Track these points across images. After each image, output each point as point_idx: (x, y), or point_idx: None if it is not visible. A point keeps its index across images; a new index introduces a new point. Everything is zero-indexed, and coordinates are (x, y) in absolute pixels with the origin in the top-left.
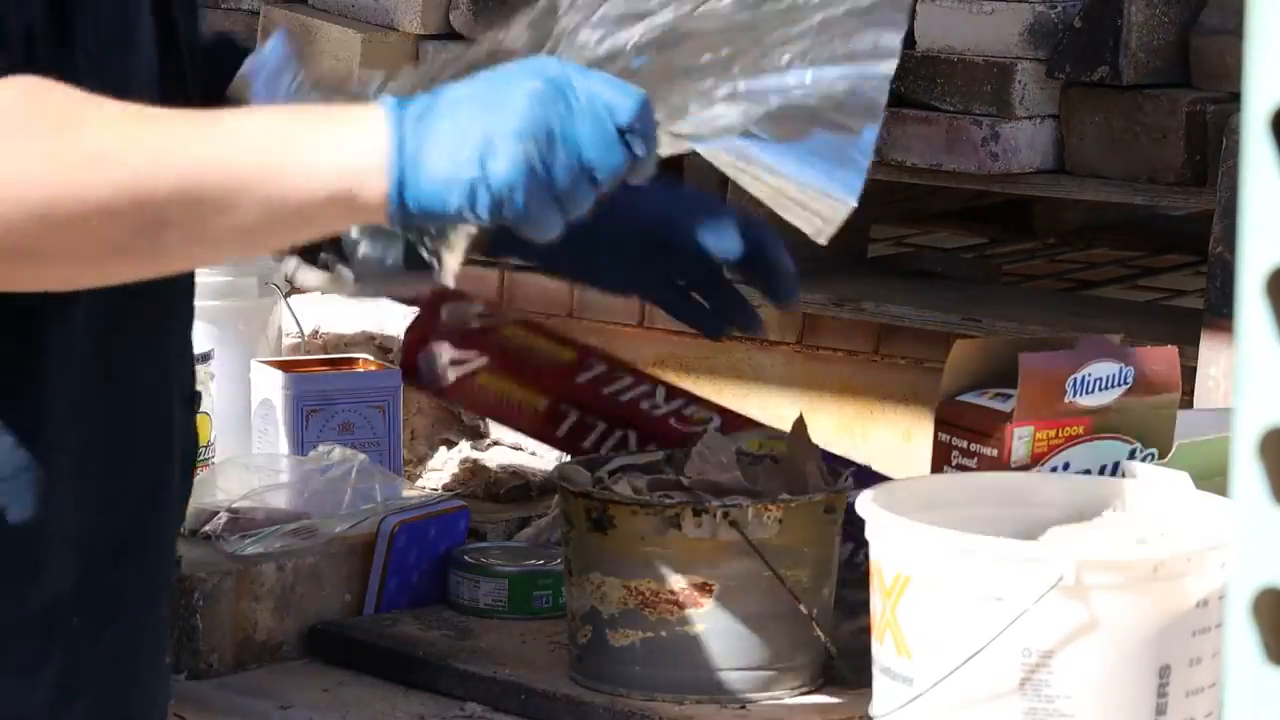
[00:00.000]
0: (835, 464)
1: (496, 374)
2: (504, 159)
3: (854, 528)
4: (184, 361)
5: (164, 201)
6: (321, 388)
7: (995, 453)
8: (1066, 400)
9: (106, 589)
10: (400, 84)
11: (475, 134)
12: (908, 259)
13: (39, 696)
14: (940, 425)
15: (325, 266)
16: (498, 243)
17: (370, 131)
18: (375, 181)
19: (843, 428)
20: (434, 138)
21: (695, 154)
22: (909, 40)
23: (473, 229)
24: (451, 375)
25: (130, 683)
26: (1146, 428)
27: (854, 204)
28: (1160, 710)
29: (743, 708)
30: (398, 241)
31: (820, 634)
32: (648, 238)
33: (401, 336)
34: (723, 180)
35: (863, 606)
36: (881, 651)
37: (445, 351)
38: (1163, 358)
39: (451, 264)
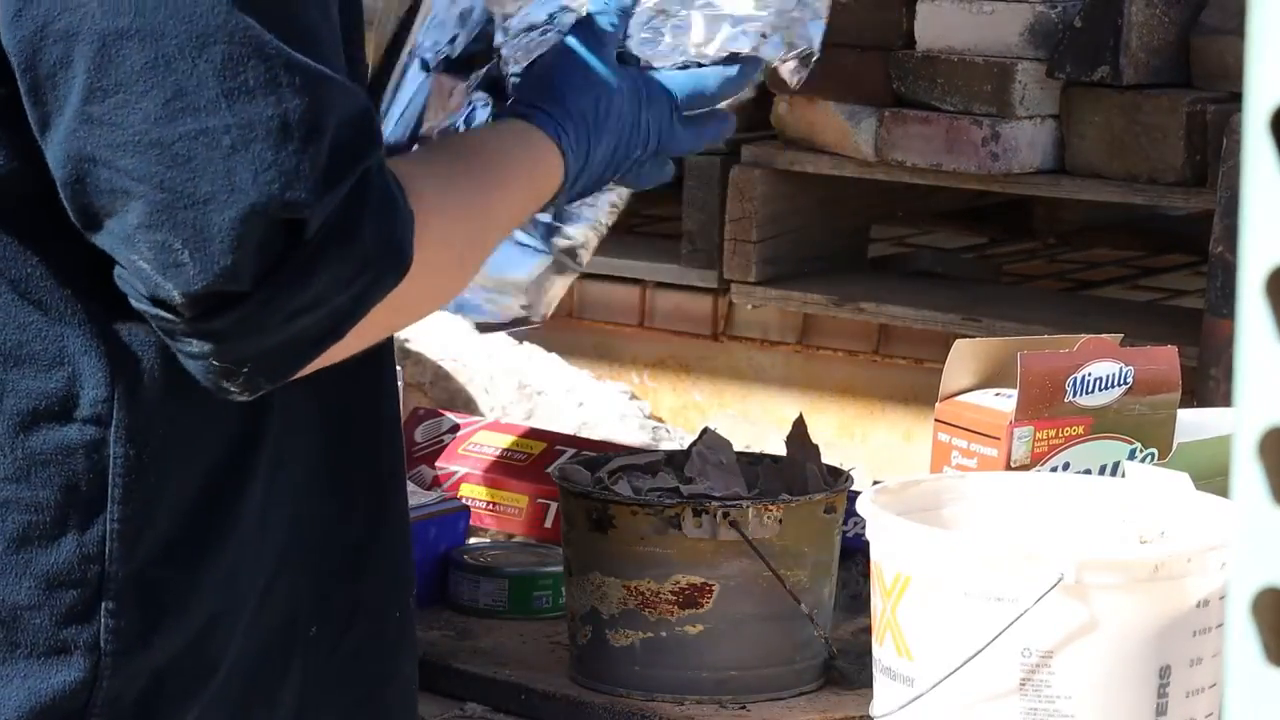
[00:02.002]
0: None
1: (476, 483)
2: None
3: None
4: (393, 378)
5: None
6: None
7: (995, 453)
8: (1066, 400)
9: (343, 602)
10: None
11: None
12: (908, 259)
13: (282, 708)
14: (940, 425)
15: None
16: None
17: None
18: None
19: (843, 428)
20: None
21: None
22: (909, 40)
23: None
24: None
25: (377, 686)
26: (1146, 428)
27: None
28: (1160, 710)
29: (743, 708)
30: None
31: (820, 634)
32: None
33: (400, 342)
34: (723, 181)
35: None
36: (881, 652)
37: (427, 471)
38: (1163, 358)
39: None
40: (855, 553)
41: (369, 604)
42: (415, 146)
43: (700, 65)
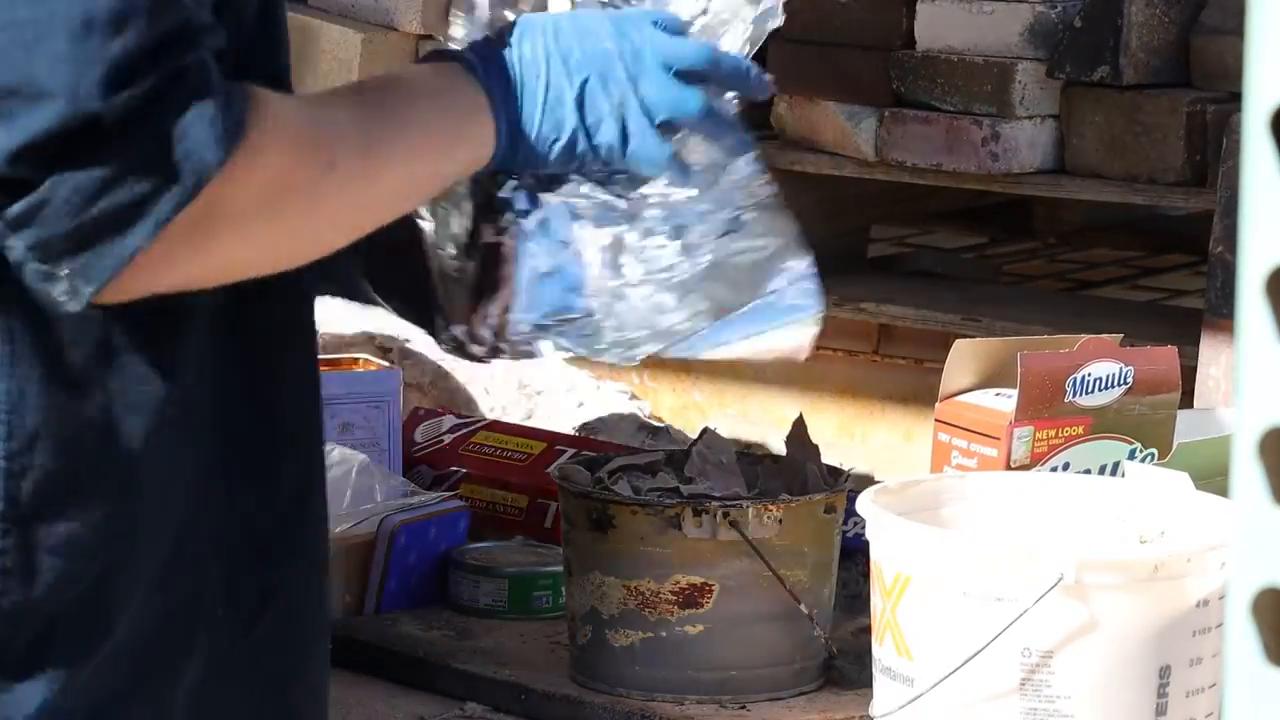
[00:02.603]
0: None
1: (476, 483)
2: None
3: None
4: (315, 369)
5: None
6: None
7: (995, 453)
8: (1066, 400)
9: (252, 588)
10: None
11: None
12: (908, 259)
13: (186, 680)
14: (940, 425)
15: (459, 346)
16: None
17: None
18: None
19: (843, 428)
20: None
21: None
22: (909, 40)
23: None
24: None
25: (287, 682)
26: (1146, 428)
27: (819, 320)
28: (1160, 710)
29: (743, 708)
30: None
31: (820, 634)
32: None
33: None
34: None
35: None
36: (881, 651)
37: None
38: (1163, 358)
39: None
40: (855, 553)
41: (282, 593)
42: None
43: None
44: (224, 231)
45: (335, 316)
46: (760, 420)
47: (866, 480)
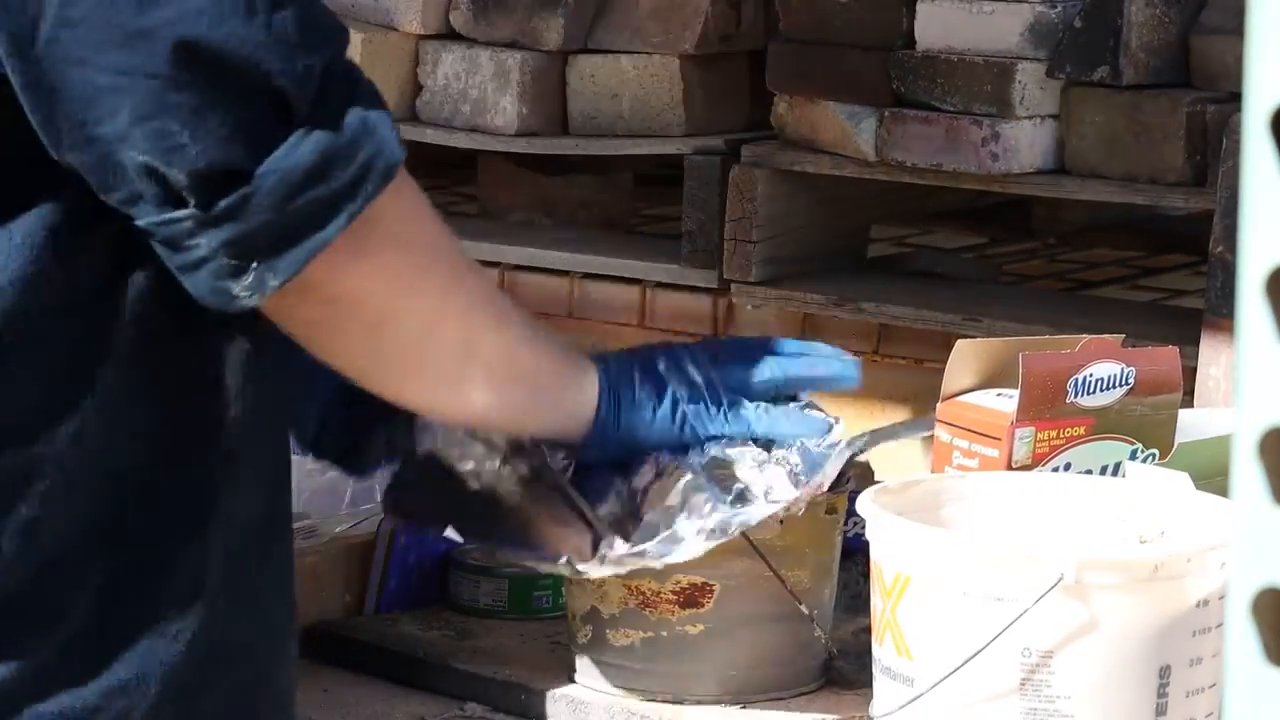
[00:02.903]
0: None
1: None
2: None
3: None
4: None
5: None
6: None
7: (996, 453)
8: (1067, 401)
9: (233, 638)
10: None
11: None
12: (908, 259)
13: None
14: (941, 425)
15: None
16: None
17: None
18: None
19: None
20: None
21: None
22: (909, 40)
23: None
24: None
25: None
26: (1147, 428)
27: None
28: (1160, 710)
29: (743, 708)
30: None
31: (821, 634)
32: None
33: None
34: (723, 181)
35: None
36: (881, 652)
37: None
38: (1163, 358)
39: None
40: (856, 553)
41: (267, 587)
42: None
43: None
44: (377, 245)
45: None
46: None
47: (867, 480)
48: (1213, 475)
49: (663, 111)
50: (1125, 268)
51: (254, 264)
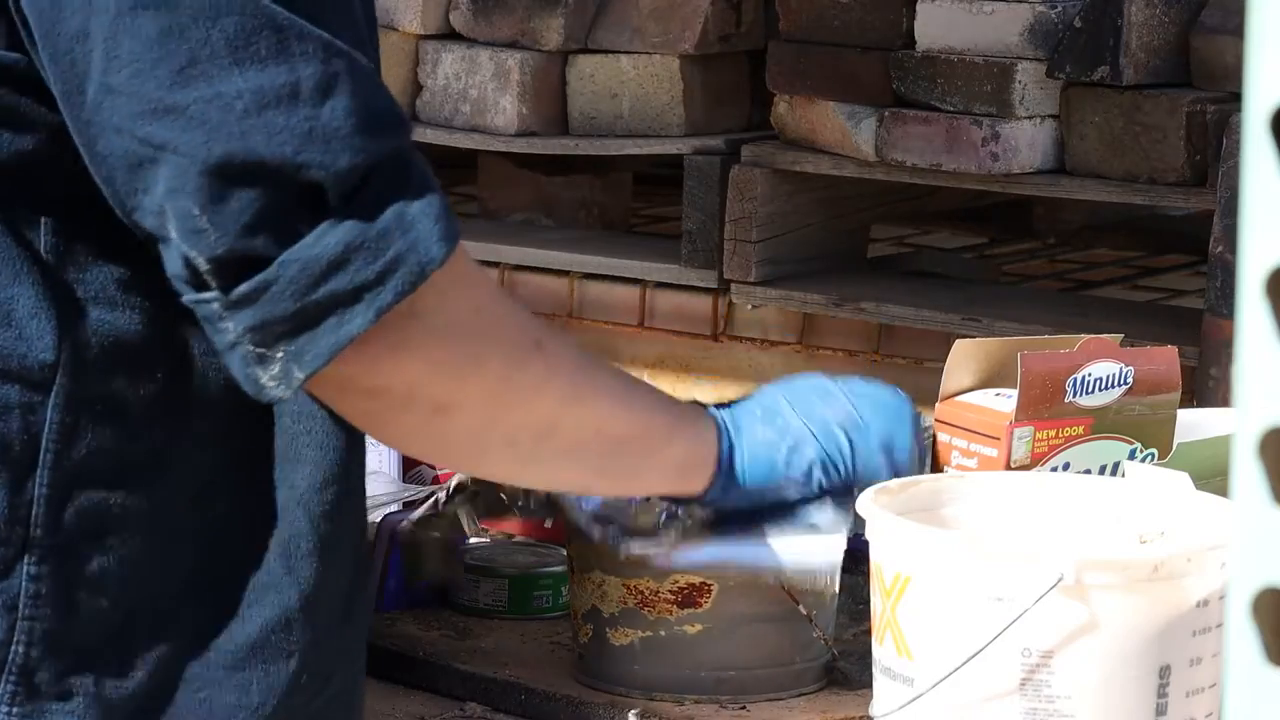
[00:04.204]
0: None
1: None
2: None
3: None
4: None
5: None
6: None
7: (995, 453)
8: (1066, 400)
9: (334, 649)
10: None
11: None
12: (908, 259)
13: None
14: (940, 425)
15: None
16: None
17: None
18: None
19: None
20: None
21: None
22: (909, 40)
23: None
24: None
25: None
26: (1146, 428)
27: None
28: (1160, 710)
29: (743, 708)
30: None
31: (820, 635)
32: None
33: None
34: (723, 181)
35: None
36: (882, 652)
37: None
38: (1161, 357)
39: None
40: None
41: (350, 652)
42: None
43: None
44: (419, 338)
45: None
46: None
47: None
48: (1213, 475)
49: (663, 111)
50: (1125, 268)
51: (279, 354)
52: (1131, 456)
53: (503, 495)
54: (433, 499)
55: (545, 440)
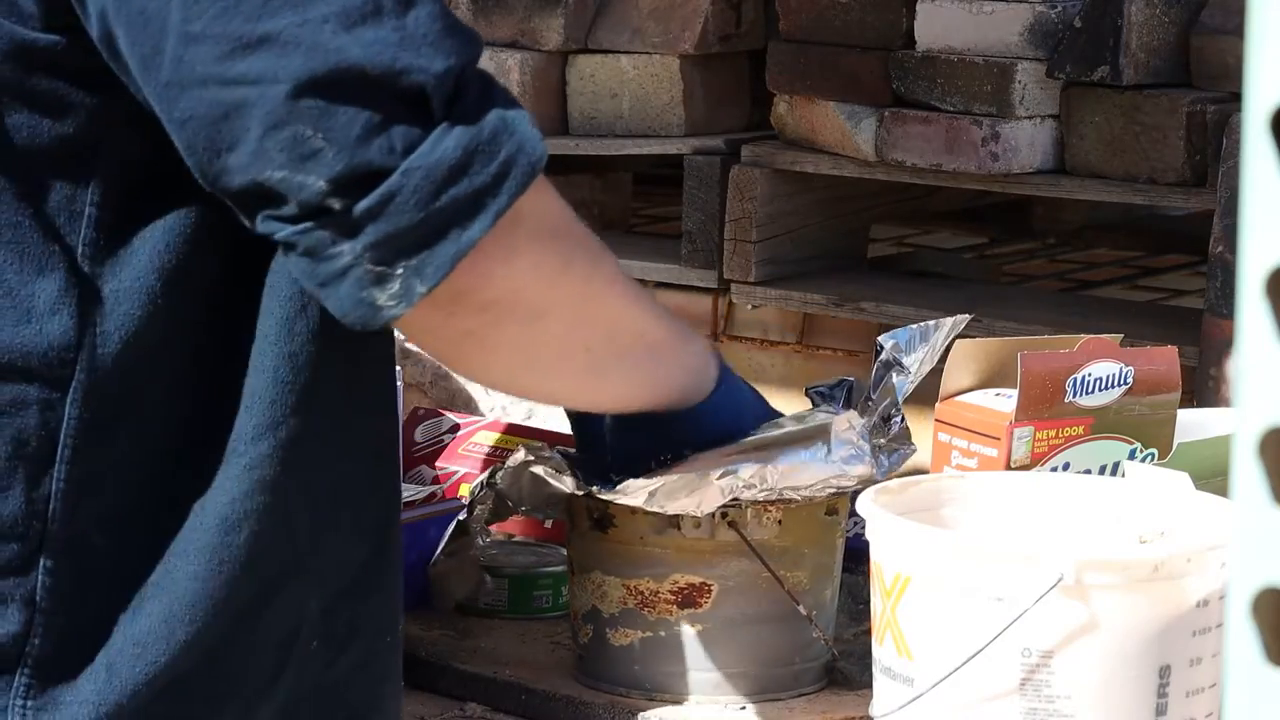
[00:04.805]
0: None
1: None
2: None
3: None
4: (395, 401)
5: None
6: None
7: (995, 453)
8: (1066, 400)
9: (345, 620)
10: None
11: None
12: (908, 259)
13: (263, 714)
14: (940, 425)
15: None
16: None
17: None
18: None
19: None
20: None
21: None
22: (909, 40)
23: None
24: None
25: (362, 711)
26: (1146, 428)
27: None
28: (1160, 710)
29: (743, 708)
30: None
31: (820, 635)
32: None
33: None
34: (723, 181)
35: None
36: (882, 652)
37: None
38: (1163, 358)
39: None
40: (866, 558)
41: (367, 626)
42: None
43: None
44: (525, 242)
45: None
46: None
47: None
48: (1213, 475)
49: (663, 111)
50: (1125, 268)
51: (399, 269)
52: (1131, 456)
53: (509, 501)
54: (454, 523)
55: (610, 343)
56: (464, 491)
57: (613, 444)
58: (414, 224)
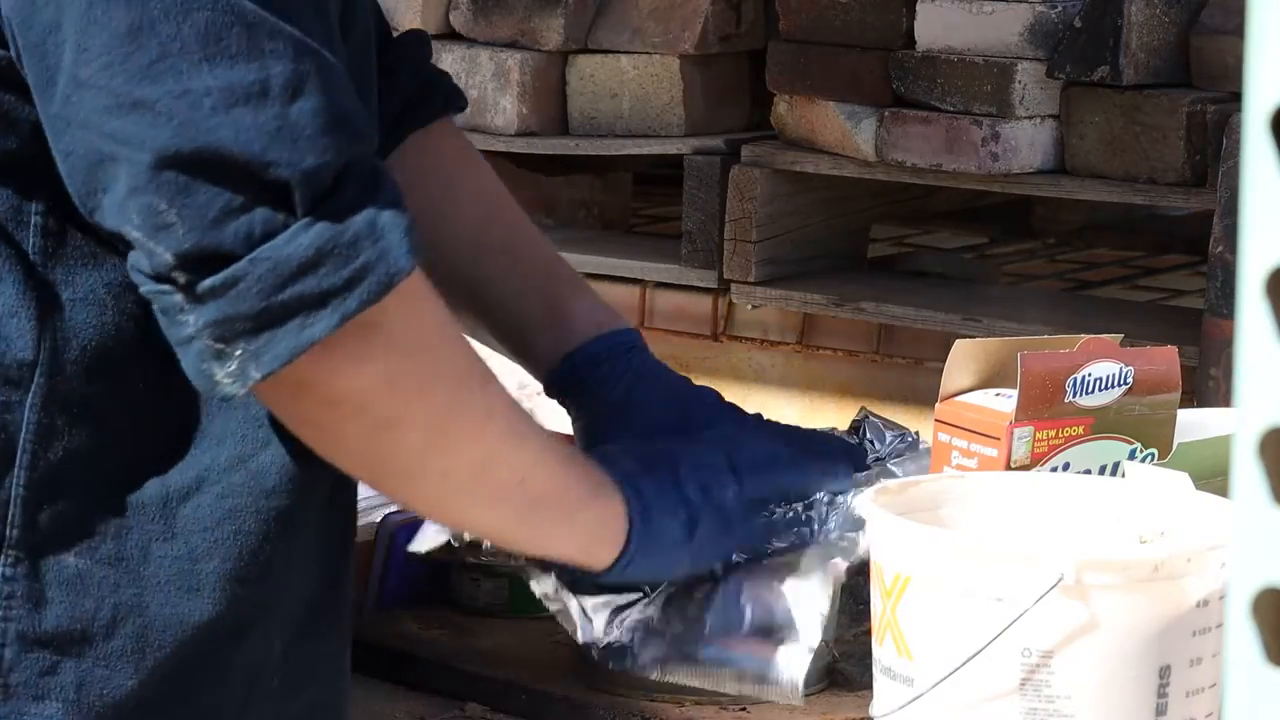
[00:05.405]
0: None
1: None
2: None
3: None
4: None
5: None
6: None
7: (995, 453)
8: (1066, 400)
9: (305, 654)
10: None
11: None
12: (908, 259)
13: None
14: (940, 425)
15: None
16: None
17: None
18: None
19: (843, 428)
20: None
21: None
22: (909, 40)
23: None
24: None
25: None
26: (1146, 428)
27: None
28: (1160, 710)
29: (743, 709)
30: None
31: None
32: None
33: None
34: (723, 181)
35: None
36: (882, 652)
37: None
38: (1163, 358)
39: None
40: (866, 563)
41: (323, 663)
42: None
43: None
44: (380, 350)
45: None
46: None
47: None
48: (1213, 475)
49: (663, 111)
50: (1125, 268)
51: (238, 350)
52: (1131, 456)
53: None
54: None
55: (477, 478)
56: None
57: None
58: (254, 312)
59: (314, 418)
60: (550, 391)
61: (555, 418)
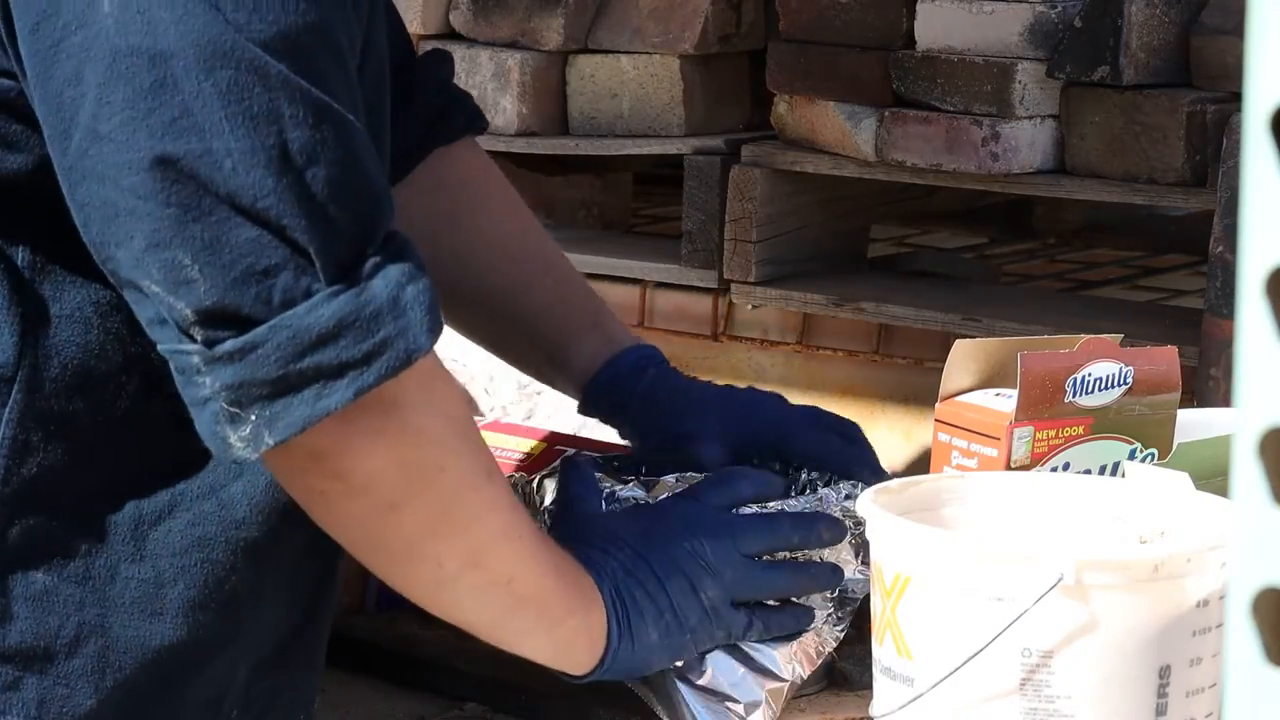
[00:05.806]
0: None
1: None
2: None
3: None
4: None
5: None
6: None
7: (995, 453)
8: (1066, 400)
9: (267, 688)
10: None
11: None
12: (908, 259)
13: None
14: (940, 425)
15: None
16: None
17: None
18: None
19: None
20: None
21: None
22: (909, 40)
23: None
24: None
25: None
26: (1146, 428)
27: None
28: (1160, 710)
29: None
30: None
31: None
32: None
33: None
34: (723, 181)
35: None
36: (882, 652)
37: None
38: (1163, 358)
39: None
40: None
41: (285, 693)
42: None
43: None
44: (395, 430)
45: None
46: None
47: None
48: (1213, 475)
49: (663, 111)
50: (1125, 268)
51: (253, 415)
52: (1131, 456)
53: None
54: None
55: (468, 571)
56: None
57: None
58: (271, 378)
59: (320, 489)
60: (592, 392)
61: (555, 417)
